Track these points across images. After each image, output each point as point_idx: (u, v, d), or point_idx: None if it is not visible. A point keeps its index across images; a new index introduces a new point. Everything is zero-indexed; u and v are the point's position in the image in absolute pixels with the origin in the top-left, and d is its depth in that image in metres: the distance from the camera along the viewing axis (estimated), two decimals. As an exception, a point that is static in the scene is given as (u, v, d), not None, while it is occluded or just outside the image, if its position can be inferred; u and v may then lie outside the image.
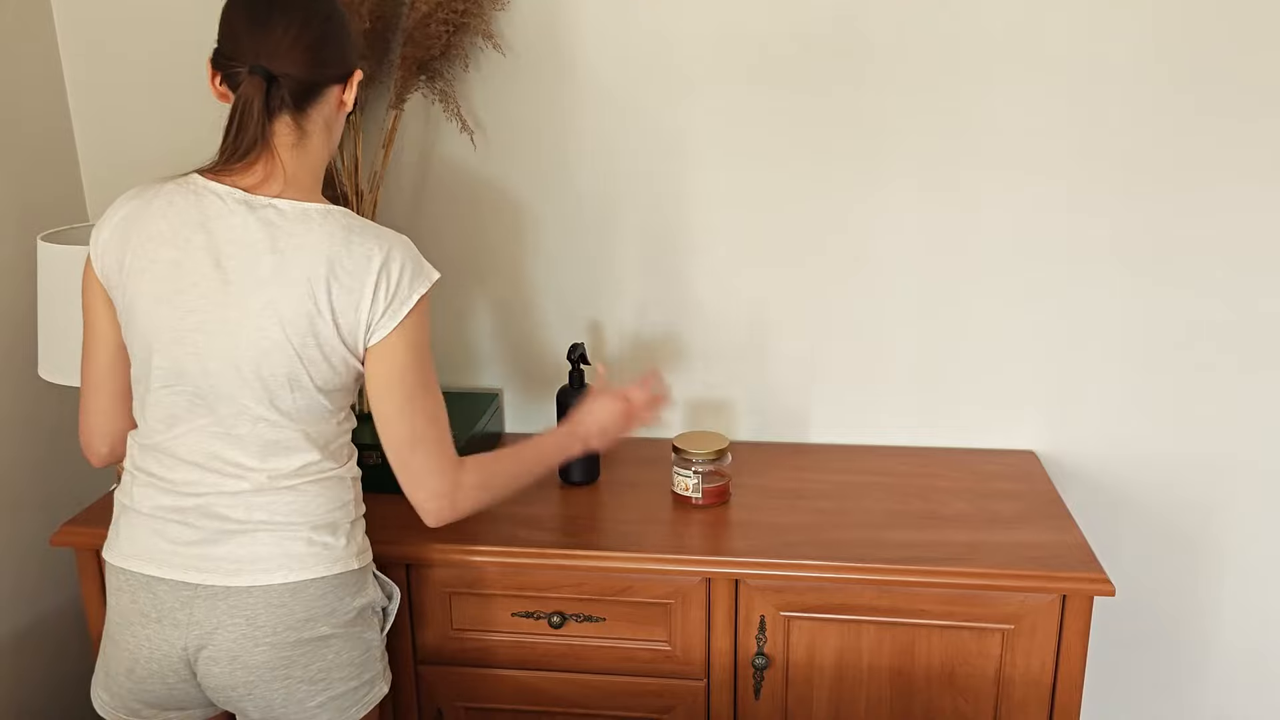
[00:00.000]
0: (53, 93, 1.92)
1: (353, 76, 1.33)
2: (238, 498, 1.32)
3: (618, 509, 1.70)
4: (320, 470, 1.34)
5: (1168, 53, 1.68)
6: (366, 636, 1.40)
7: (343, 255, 1.27)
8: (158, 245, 1.28)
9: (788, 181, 1.82)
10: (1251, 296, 1.78)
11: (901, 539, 1.59)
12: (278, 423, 1.30)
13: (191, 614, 1.32)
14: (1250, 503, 1.88)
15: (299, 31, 1.26)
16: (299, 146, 1.30)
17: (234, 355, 1.27)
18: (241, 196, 1.28)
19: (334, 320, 1.27)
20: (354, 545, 1.38)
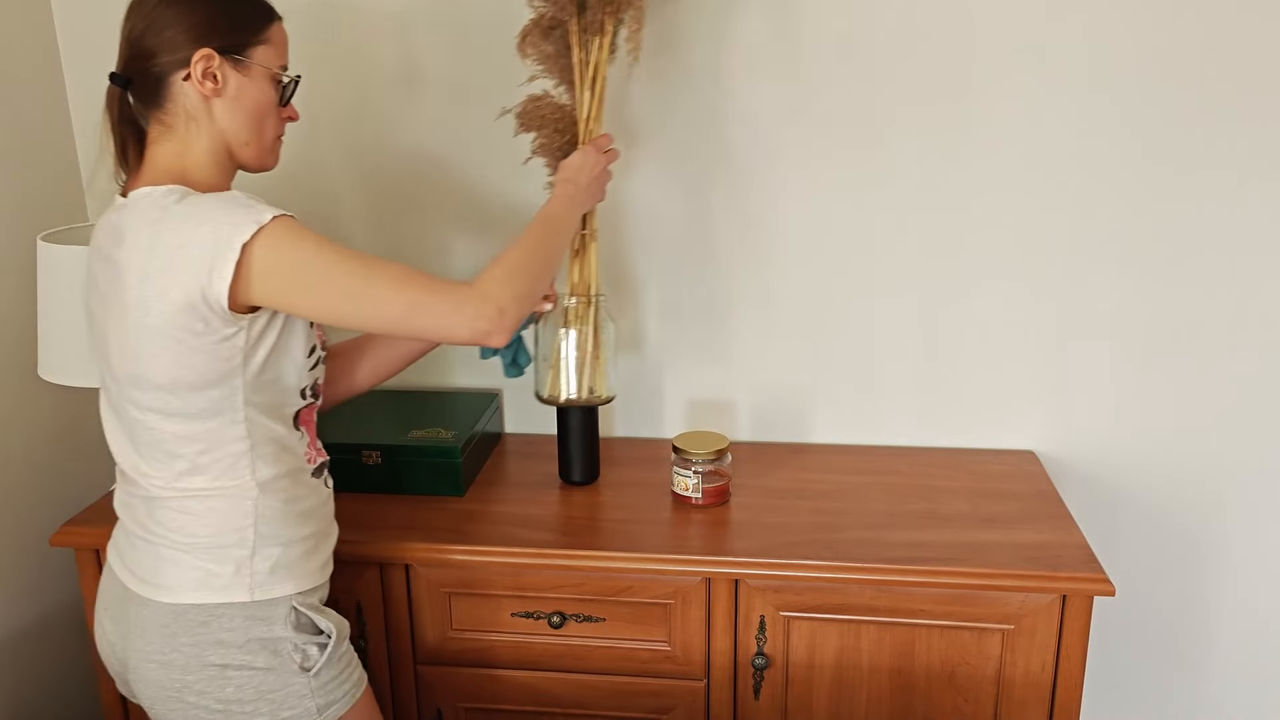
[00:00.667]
0: (53, 93, 1.92)
1: (194, 57, 1.24)
2: (146, 505, 1.32)
3: (618, 509, 1.70)
4: (204, 487, 1.28)
5: (1167, 51, 1.68)
6: (281, 674, 1.29)
7: (154, 239, 1.20)
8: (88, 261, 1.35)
9: (788, 181, 1.82)
10: (1252, 296, 1.78)
11: (901, 539, 1.59)
12: (147, 422, 1.28)
13: (125, 612, 1.34)
14: (1250, 502, 1.88)
15: (126, 31, 1.27)
16: (164, 139, 1.28)
17: (105, 353, 1.29)
18: (119, 202, 1.30)
19: (169, 307, 1.19)
20: (246, 576, 1.28)
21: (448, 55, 1.82)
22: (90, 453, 2.03)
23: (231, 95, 1.28)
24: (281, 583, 1.31)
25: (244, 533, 1.29)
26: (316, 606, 1.35)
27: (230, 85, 1.27)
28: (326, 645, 1.32)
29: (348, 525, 1.52)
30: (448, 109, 1.85)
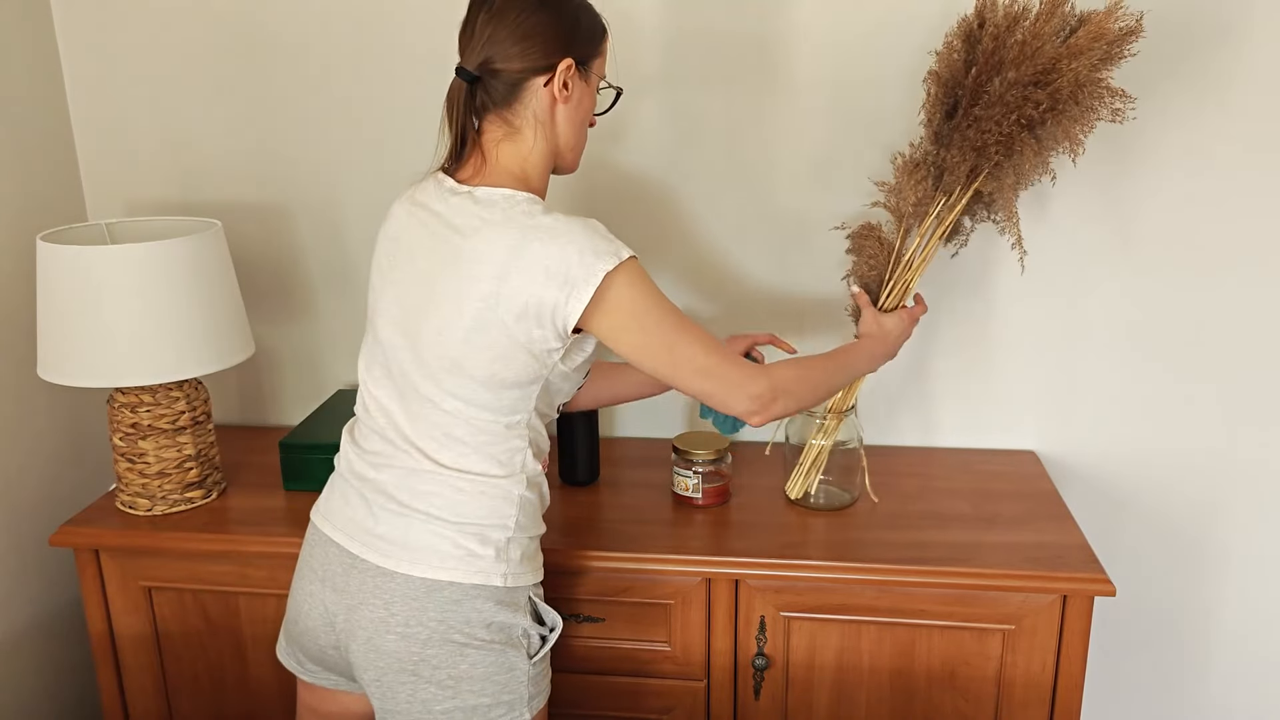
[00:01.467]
0: (53, 93, 1.92)
1: (559, 66, 1.30)
2: (405, 478, 1.33)
3: (618, 509, 1.70)
4: (481, 472, 1.32)
5: (1167, 51, 1.68)
6: (510, 657, 1.34)
7: (518, 245, 1.25)
8: (388, 223, 1.39)
9: (788, 181, 1.82)
10: (1252, 296, 1.78)
11: (901, 539, 1.59)
12: (442, 405, 1.31)
13: (349, 582, 1.34)
14: (1250, 502, 1.88)
15: (494, 27, 1.29)
16: (508, 141, 1.33)
17: (414, 332, 1.30)
18: (450, 185, 1.33)
19: (507, 314, 1.25)
20: (504, 563, 1.33)
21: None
22: (90, 453, 2.03)
23: (574, 103, 1.35)
24: (527, 572, 1.37)
25: (508, 520, 1.34)
26: (543, 598, 1.41)
27: (575, 93, 1.34)
28: (547, 636, 1.39)
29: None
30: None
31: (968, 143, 1.49)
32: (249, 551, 1.62)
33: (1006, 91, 1.44)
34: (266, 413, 2.07)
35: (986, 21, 1.49)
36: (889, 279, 1.60)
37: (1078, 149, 1.49)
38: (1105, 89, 1.46)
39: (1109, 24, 1.44)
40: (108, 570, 1.67)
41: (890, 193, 1.60)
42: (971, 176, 1.53)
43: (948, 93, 1.52)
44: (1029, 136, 1.48)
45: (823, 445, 1.66)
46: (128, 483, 1.69)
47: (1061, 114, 1.46)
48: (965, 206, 1.57)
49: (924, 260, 1.59)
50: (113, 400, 1.67)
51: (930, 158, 1.56)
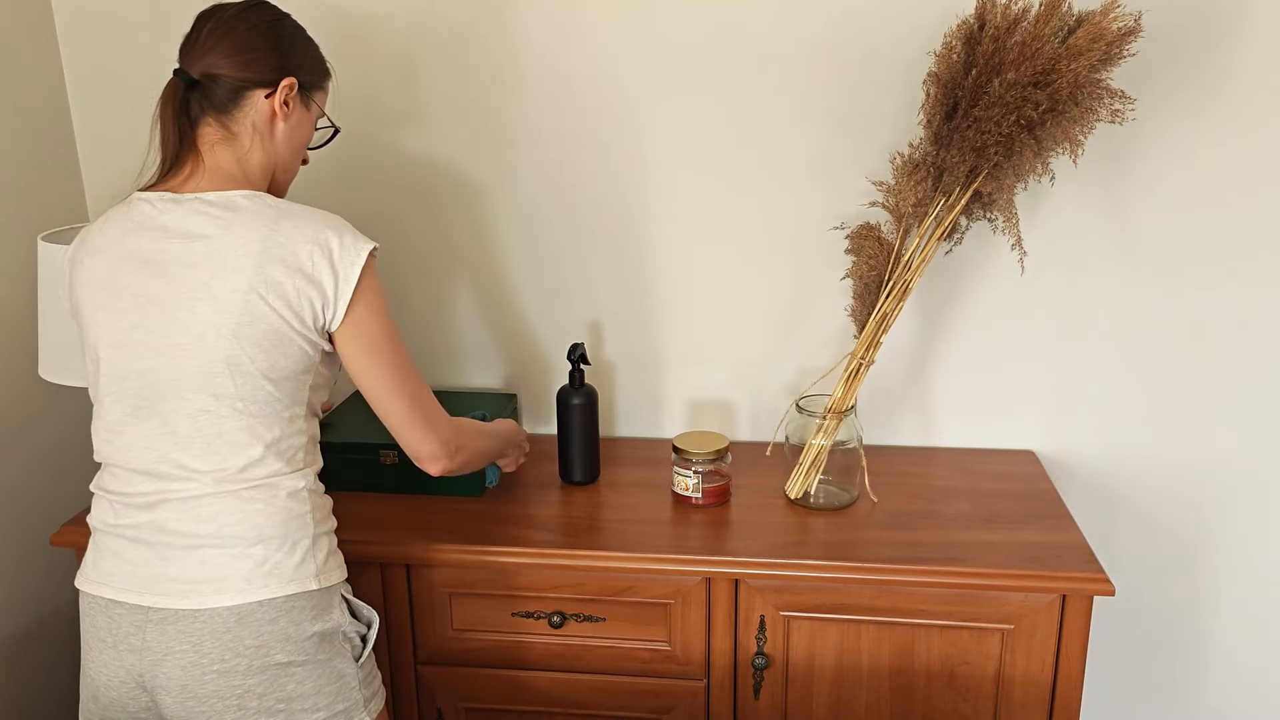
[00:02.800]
0: (53, 93, 1.92)
1: (282, 83, 1.34)
2: (185, 507, 1.28)
3: (618, 509, 1.70)
4: (270, 473, 1.30)
5: (1166, 51, 1.68)
6: (337, 664, 1.33)
7: (273, 234, 1.26)
8: (93, 260, 1.32)
9: (788, 181, 1.82)
10: (1252, 296, 1.78)
11: (901, 539, 1.59)
12: (218, 412, 1.28)
13: (144, 639, 1.29)
14: (1250, 502, 1.88)
15: (221, 36, 1.31)
16: (224, 145, 1.33)
17: (170, 345, 1.27)
18: (169, 196, 1.31)
19: (275, 300, 1.25)
20: (311, 564, 1.31)
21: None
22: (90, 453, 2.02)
23: (293, 125, 1.38)
24: (335, 569, 1.36)
25: (305, 518, 1.32)
26: (353, 595, 1.40)
27: (294, 116, 1.38)
28: (366, 634, 1.38)
29: (348, 525, 1.52)
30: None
31: (967, 143, 1.49)
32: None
33: (1006, 92, 1.45)
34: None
35: (987, 23, 1.49)
36: (889, 279, 1.61)
37: (1077, 150, 1.49)
38: (1104, 90, 1.47)
39: (1107, 24, 1.44)
40: (108, 570, 1.66)
41: (889, 193, 1.60)
42: (971, 177, 1.53)
43: (947, 94, 1.52)
44: (1028, 137, 1.48)
45: (822, 445, 1.66)
46: (128, 483, 1.69)
47: (1061, 115, 1.46)
48: (964, 207, 1.57)
49: (923, 260, 1.59)
50: (113, 400, 1.67)
51: (929, 158, 1.56)
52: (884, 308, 1.61)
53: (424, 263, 1.94)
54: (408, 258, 1.93)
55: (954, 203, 1.56)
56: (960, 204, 1.56)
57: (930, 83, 1.54)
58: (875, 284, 1.62)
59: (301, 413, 1.34)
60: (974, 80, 1.48)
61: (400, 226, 1.92)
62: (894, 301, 1.60)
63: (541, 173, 1.87)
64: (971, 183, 1.54)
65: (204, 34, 1.32)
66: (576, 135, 1.84)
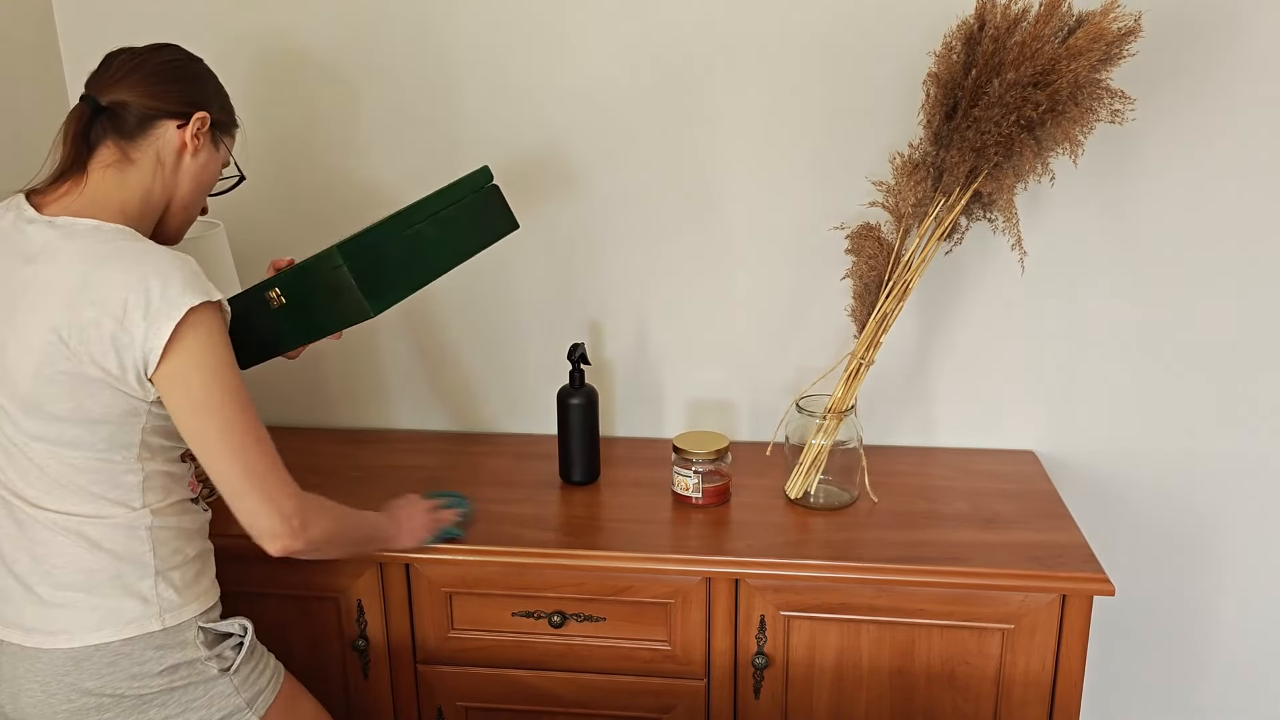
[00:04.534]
0: (53, 93, 1.92)
1: (195, 115, 1.32)
2: (19, 543, 1.25)
3: (618, 509, 1.70)
4: (93, 513, 1.25)
5: (1166, 51, 1.68)
6: (202, 685, 1.29)
7: (91, 274, 1.20)
8: None
9: (788, 181, 1.82)
10: (1251, 295, 1.78)
11: (901, 538, 1.59)
12: (35, 449, 1.23)
13: (2, 671, 1.27)
14: (1250, 502, 1.88)
15: (134, 66, 1.30)
16: (115, 168, 1.29)
17: (0, 371, 1.24)
18: (30, 214, 1.27)
19: (79, 345, 1.19)
20: (154, 605, 1.26)
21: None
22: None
23: (200, 163, 1.35)
24: (191, 603, 1.30)
25: (143, 559, 1.27)
26: (217, 620, 1.34)
27: (203, 153, 1.35)
28: (240, 644, 1.34)
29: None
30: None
31: (967, 143, 1.49)
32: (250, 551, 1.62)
33: (1006, 92, 1.45)
34: (267, 413, 2.06)
35: (987, 23, 1.49)
36: (889, 279, 1.61)
37: (1077, 150, 1.50)
38: (1104, 90, 1.47)
39: (1107, 24, 1.44)
40: (108, 570, 1.67)
41: (889, 193, 1.60)
42: (971, 177, 1.54)
43: (947, 94, 1.52)
44: (1028, 137, 1.48)
45: (822, 445, 1.66)
46: (128, 482, 1.68)
47: (1061, 115, 1.46)
48: (964, 207, 1.57)
49: (923, 260, 1.59)
50: (113, 400, 1.66)
51: (929, 158, 1.56)
52: (884, 308, 1.61)
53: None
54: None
55: (954, 203, 1.56)
56: (960, 204, 1.56)
57: (930, 83, 1.54)
58: (875, 284, 1.62)
59: (133, 454, 1.26)
60: (974, 80, 1.48)
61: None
62: (894, 301, 1.61)
63: (541, 173, 1.87)
64: (971, 183, 1.54)
65: (114, 65, 1.31)
66: (575, 136, 1.84)
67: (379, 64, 1.84)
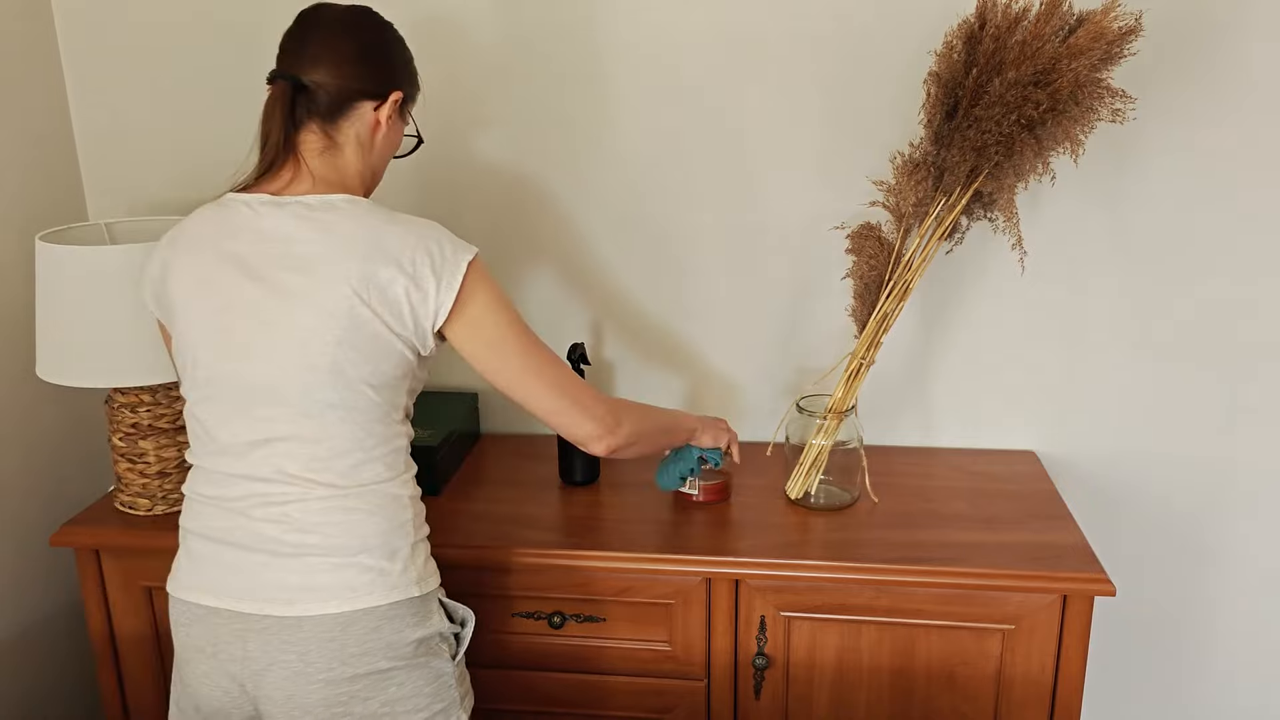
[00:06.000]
0: (53, 93, 1.92)
1: (391, 95, 1.33)
2: (286, 514, 1.27)
3: (618, 509, 1.70)
4: (372, 479, 1.29)
5: (1166, 50, 1.68)
6: (435, 665, 1.33)
7: (378, 240, 1.25)
8: (186, 259, 1.31)
9: (787, 181, 1.82)
10: (1251, 295, 1.78)
11: (901, 539, 1.59)
12: (321, 419, 1.26)
13: (246, 649, 1.27)
14: (1250, 502, 1.88)
15: (334, 44, 1.30)
16: (328, 153, 1.32)
17: (271, 351, 1.25)
18: (268, 199, 1.29)
19: (379, 307, 1.24)
20: (413, 571, 1.31)
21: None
22: (90, 453, 2.03)
23: (391, 136, 1.38)
24: (433, 574, 1.36)
25: (406, 525, 1.32)
26: (446, 596, 1.40)
27: (393, 128, 1.37)
28: (461, 633, 1.38)
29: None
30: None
31: (968, 143, 1.49)
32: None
33: (1006, 92, 1.45)
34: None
35: (988, 23, 1.49)
36: (889, 279, 1.61)
37: (1078, 149, 1.49)
38: (1105, 89, 1.46)
39: (1107, 23, 1.44)
40: (108, 570, 1.67)
41: (890, 193, 1.60)
42: (971, 177, 1.53)
43: (948, 93, 1.52)
44: (1029, 137, 1.48)
45: (823, 445, 1.66)
46: (128, 483, 1.69)
47: (1061, 114, 1.46)
48: (965, 206, 1.57)
49: (924, 260, 1.59)
50: (112, 400, 1.67)
51: (930, 158, 1.56)
52: (884, 308, 1.61)
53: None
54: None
55: (954, 202, 1.56)
56: (961, 204, 1.56)
57: (931, 82, 1.54)
58: (876, 284, 1.62)
59: (399, 417, 1.33)
60: (974, 80, 1.48)
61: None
62: (894, 301, 1.60)
63: (538, 175, 1.87)
64: (972, 182, 1.54)
65: (314, 39, 1.30)
66: (572, 136, 1.84)
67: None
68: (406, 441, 1.35)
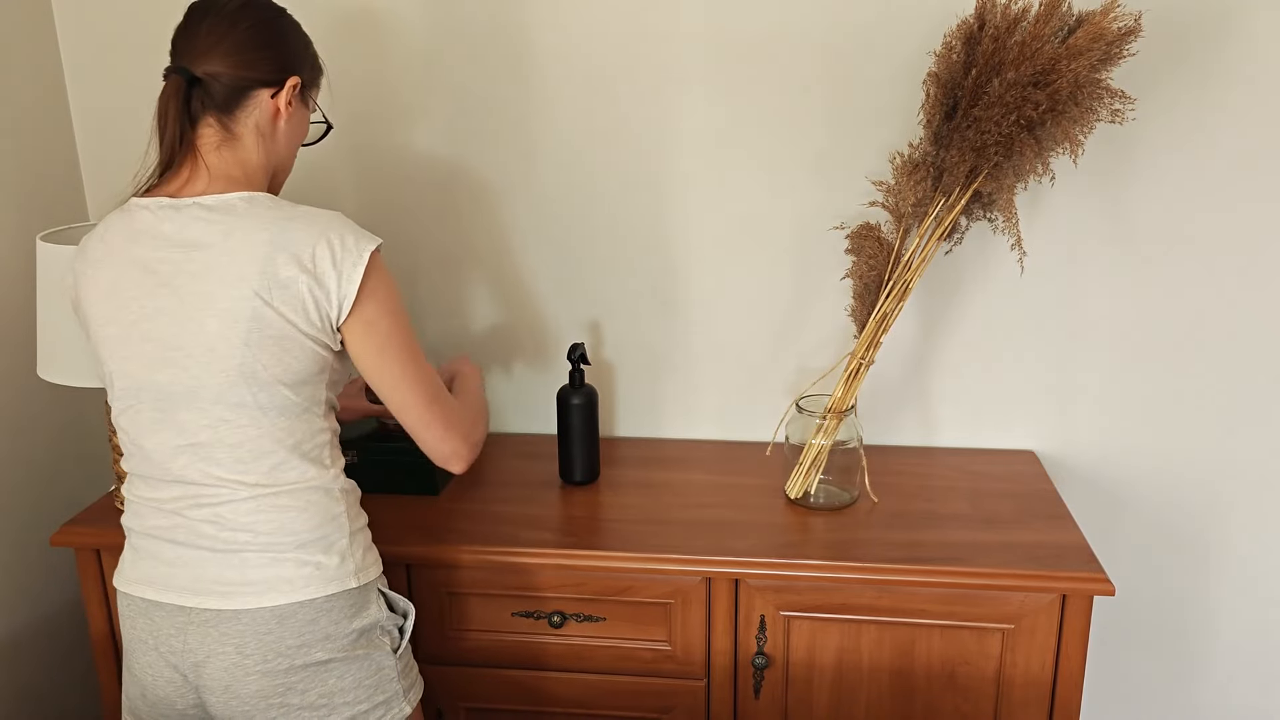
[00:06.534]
0: (53, 93, 1.92)
1: (288, 81, 1.32)
2: (218, 513, 1.28)
3: (618, 509, 1.70)
4: (298, 476, 1.30)
5: (1166, 50, 1.68)
6: (375, 658, 1.34)
7: (277, 237, 1.24)
8: (96, 270, 1.30)
9: (787, 181, 1.82)
10: (1251, 295, 1.78)
11: (901, 539, 1.59)
12: (237, 421, 1.27)
13: (186, 641, 1.30)
14: (1250, 502, 1.88)
15: (224, 32, 1.28)
16: (225, 146, 1.30)
17: (182, 357, 1.25)
18: (167, 202, 1.28)
19: (282, 305, 1.23)
20: (350, 563, 1.32)
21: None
22: (90, 453, 2.02)
23: (294, 124, 1.36)
24: (372, 565, 1.36)
25: (340, 519, 1.32)
26: (387, 586, 1.41)
27: (295, 115, 1.35)
28: (403, 625, 1.39)
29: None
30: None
31: (967, 143, 1.49)
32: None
33: (1006, 92, 1.45)
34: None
35: (987, 23, 1.49)
36: (889, 279, 1.61)
37: (1078, 150, 1.49)
38: (1105, 90, 1.47)
39: (1107, 24, 1.44)
40: (108, 570, 1.66)
41: (889, 193, 1.60)
42: (971, 177, 1.53)
43: (947, 94, 1.52)
44: (1028, 137, 1.48)
45: (822, 445, 1.66)
46: (128, 483, 1.69)
47: (1061, 115, 1.46)
48: (964, 207, 1.57)
49: (923, 260, 1.59)
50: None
51: (929, 158, 1.56)
52: (884, 308, 1.61)
53: (416, 259, 1.94)
54: (401, 255, 1.93)
55: (954, 203, 1.56)
56: (960, 204, 1.56)
57: (930, 82, 1.54)
58: (875, 284, 1.62)
59: (320, 411, 1.33)
60: (974, 80, 1.48)
61: (399, 224, 1.92)
62: (894, 301, 1.61)
63: (538, 174, 1.87)
64: (971, 183, 1.54)
65: (203, 30, 1.28)
66: (572, 136, 1.84)
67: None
68: (331, 435, 1.35)
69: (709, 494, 1.74)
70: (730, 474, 1.80)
